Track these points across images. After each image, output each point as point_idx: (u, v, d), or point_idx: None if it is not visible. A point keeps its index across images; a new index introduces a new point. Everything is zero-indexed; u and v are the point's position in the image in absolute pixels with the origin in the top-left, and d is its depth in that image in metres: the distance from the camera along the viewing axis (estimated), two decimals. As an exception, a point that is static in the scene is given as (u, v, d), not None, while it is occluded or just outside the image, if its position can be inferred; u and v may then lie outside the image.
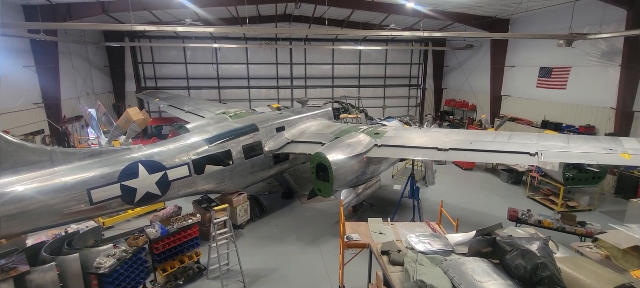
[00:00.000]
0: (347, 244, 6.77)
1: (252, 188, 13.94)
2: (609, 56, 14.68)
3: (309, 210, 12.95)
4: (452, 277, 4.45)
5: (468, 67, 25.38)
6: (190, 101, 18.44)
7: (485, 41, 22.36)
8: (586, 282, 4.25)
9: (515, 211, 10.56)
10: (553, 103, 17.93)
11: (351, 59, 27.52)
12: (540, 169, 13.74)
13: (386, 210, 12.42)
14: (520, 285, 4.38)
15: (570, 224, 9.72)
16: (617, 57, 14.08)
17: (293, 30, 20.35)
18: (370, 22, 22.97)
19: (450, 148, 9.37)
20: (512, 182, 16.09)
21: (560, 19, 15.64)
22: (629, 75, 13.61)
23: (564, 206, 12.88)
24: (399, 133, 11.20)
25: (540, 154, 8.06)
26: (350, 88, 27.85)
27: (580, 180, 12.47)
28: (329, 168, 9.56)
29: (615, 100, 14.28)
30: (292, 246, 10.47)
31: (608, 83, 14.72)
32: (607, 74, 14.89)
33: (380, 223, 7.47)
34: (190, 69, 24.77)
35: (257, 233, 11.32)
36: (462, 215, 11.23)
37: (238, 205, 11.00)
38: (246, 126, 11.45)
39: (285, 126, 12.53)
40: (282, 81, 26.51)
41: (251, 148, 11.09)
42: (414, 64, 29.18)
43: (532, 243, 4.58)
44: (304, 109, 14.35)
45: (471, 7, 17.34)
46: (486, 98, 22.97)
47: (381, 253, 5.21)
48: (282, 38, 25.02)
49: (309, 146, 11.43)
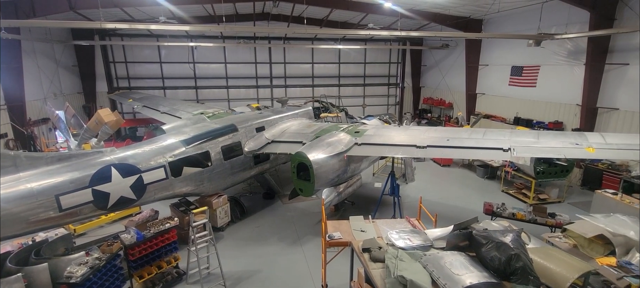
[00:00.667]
0: (329, 243, 6.78)
1: (233, 190, 13.73)
2: (575, 55, 15.46)
3: (290, 210, 12.89)
4: (431, 271, 4.56)
5: (444, 66, 26.05)
6: (166, 102, 17.92)
7: (460, 40, 23.01)
8: (556, 271, 4.46)
9: (491, 205, 10.95)
10: (524, 100, 18.69)
11: (331, 59, 27.62)
12: (513, 164, 14.30)
13: (368, 208, 12.56)
14: (496, 276, 4.54)
15: (541, 216, 10.18)
16: (582, 56, 14.83)
17: (271, 29, 20.19)
18: (349, 22, 23.13)
19: (428, 145, 9.56)
20: (487, 177, 16.65)
21: (530, 20, 16.31)
22: (592, 73, 14.37)
23: (536, 199, 13.45)
24: (379, 131, 11.32)
25: (512, 150, 8.37)
26: (330, 87, 27.94)
27: (549, 173, 13.02)
28: (310, 168, 9.54)
29: (581, 97, 15.04)
30: (274, 247, 10.38)
31: (574, 81, 15.50)
32: (573, 73, 15.67)
33: (362, 221, 7.54)
34: (166, 69, 24.05)
35: (238, 235, 11.15)
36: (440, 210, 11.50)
37: (218, 207, 10.79)
38: (225, 127, 11.24)
39: (265, 126, 12.41)
40: (262, 81, 26.24)
41: (230, 149, 10.91)
42: (393, 63, 29.64)
43: (506, 235, 4.75)
44: (284, 109, 14.26)
45: (446, 7, 17.79)
46: (462, 96, 23.65)
47: (362, 251, 5.25)
48: (261, 37, 24.75)
49: (290, 145, 11.37)
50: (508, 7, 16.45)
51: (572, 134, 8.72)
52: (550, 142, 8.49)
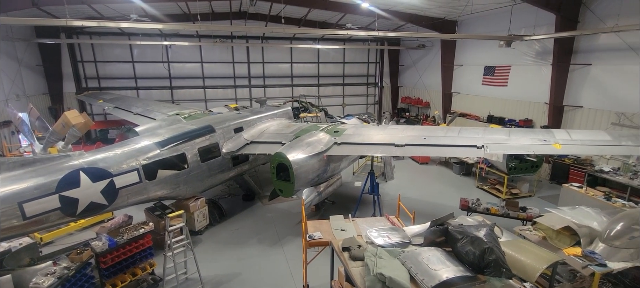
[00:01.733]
0: (309, 243, 6.78)
1: (211, 192, 13.44)
2: (542, 55, 16.20)
3: (271, 211, 12.77)
4: (410, 268, 4.63)
5: (421, 66, 26.62)
6: (140, 102, 17.29)
7: (436, 41, 23.59)
8: (526, 262, 4.65)
9: (466, 201, 11.29)
10: (497, 99, 19.41)
11: (310, 58, 27.59)
12: (487, 161, 14.81)
13: (348, 207, 12.64)
14: (471, 269, 4.67)
15: (513, 210, 10.60)
16: (549, 56, 15.56)
17: (249, 28, 19.89)
18: (328, 22, 23.20)
19: (406, 144, 9.72)
20: (463, 174, 17.17)
21: (501, 21, 16.93)
22: (558, 73, 15.11)
23: (508, 194, 13.99)
24: (358, 130, 11.41)
25: (486, 147, 8.66)
26: (310, 87, 27.90)
27: (521, 169, 13.64)
28: (290, 168, 9.49)
29: (549, 96, 15.78)
30: (255, 249, 10.25)
31: (542, 80, 16.23)
32: (541, 72, 16.41)
33: (342, 220, 7.58)
34: (139, 68, 23.17)
35: (217, 238, 10.92)
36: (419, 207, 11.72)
37: (195, 210, 10.53)
38: (202, 128, 10.98)
39: (244, 126, 12.22)
40: (240, 80, 25.82)
41: (208, 151, 10.66)
42: (371, 63, 29.97)
43: (480, 230, 4.91)
44: (263, 109, 14.10)
45: (422, 8, 18.18)
46: (438, 95, 24.26)
47: (342, 250, 5.27)
48: (238, 36, 24.35)
49: (269, 146, 11.27)
50: (480, 8, 17.02)
51: (540, 131, 9.13)
52: (520, 139, 8.85)
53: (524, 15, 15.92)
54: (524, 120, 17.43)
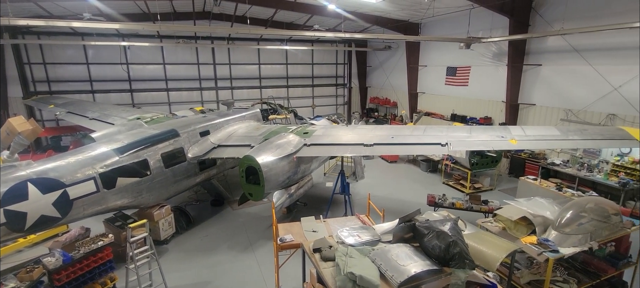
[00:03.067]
0: (280, 246, 6.68)
1: (177, 199, 12.93)
2: (499, 56, 17.22)
3: (241, 215, 12.48)
4: (379, 265, 4.69)
5: (388, 67, 27.32)
6: (96, 107, 16.25)
7: (401, 42, 24.33)
8: (487, 252, 4.88)
9: (433, 196, 11.71)
10: (459, 98, 20.35)
11: (278, 59, 27.38)
12: (451, 158, 15.47)
13: (320, 208, 12.64)
14: (437, 262, 4.82)
15: (476, 203, 11.14)
16: (505, 57, 16.57)
17: (213, 29, 19.34)
18: (295, 23, 23.14)
19: (375, 143, 9.90)
20: (430, 171, 17.80)
21: (461, 24, 17.78)
22: (513, 73, 16.13)
23: (472, 189, 14.69)
24: (328, 131, 11.46)
25: (449, 144, 9.03)
26: (279, 88, 27.69)
27: (482, 164, 14.40)
28: (259, 171, 9.34)
29: (505, 94, 16.78)
30: (225, 256, 9.96)
31: (499, 80, 17.25)
32: (498, 73, 17.43)
33: (313, 222, 7.55)
34: (94, 71, 21.73)
35: (184, 246, 10.49)
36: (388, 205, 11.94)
37: (160, 218, 10.05)
38: (165, 132, 10.50)
39: (210, 129, 11.85)
40: (206, 82, 25.06)
41: (172, 156, 10.22)
42: (340, 64, 30.32)
43: (445, 224, 5.07)
44: (231, 111, 13.77)
45: (387, 11, 18.66)
46: (405, 95, 25.01)
47: (313, 251, 5.23)
48: (203, 37, 23.63)
49: (237, 149, 11.02)
50: (441, 12, 17.76)
51: (498, 128, 9.67)
52: (480, 136, 9.32)
53: (481, 18, 16.84)
54: (484, 118, 18.42)
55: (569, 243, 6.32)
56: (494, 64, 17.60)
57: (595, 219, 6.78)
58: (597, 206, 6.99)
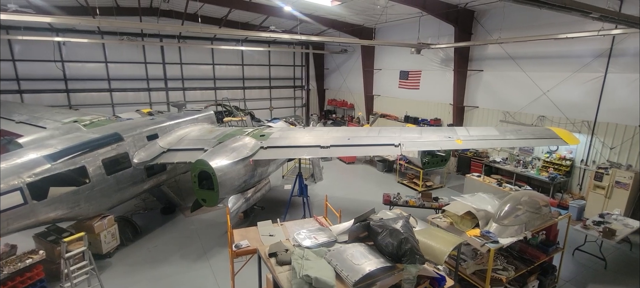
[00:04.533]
0: (236, 252, 6.48)
1: (123, 208, 11.99)
2: (446, 62, 18.35)
3: (194, 223, 11.89)
4: (335, 265, 4.72)
5: (345, 69, 27.86)
6: (24, 109, 14.58)
7: (357, 46, 24.93)
8: (436, 247, 5.13)
9: (388, 195, 12.12)
10: (412, 101, 21.33)
11: (234, 60, 26.66)
12: (405, 157, 16.15)
13: (278, 211, 12.47)
14: (391, 259, 4.97)
15: (428, 201, 11.73)
16: (451, 63, 17.70)
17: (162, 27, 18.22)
18: (251, 23, 22.70)
19: (331, 145, 9.98)
20: (386, 170, 18.41)
21: (411, 30, 18.68)
22: (459, 77, 17.29)
23: (424, 187, 15.45)
24: (285, 133, 11.34)
25: (402, 145, 9.39)
26: (234, 90, 26.95)
27: (433, 163, 15.21)
28: (213, 176, 8.96)
29: (452, 97, 17.92)
30: (177, 266, 9.40)
31: (447, 84, 18.36)
32: (445, 77, 18.56)
33: (270, 226, 7.42)
34: (22, 68, 19.40)
35: (130, 259, 9.73)
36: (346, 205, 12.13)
37: (102, 230, 9.22)
38: (106, 136, 9.67)
39: (159, 133, 11.16)
40: (155, 83, 23.58)
41: (115, 162, 9.43)
42: (297, 66, 30.32)
43: (397, 222, 5.25)
44: (182, 114, 13.08)
45: (342, 15, 19.04)
46: (361, 97, 25.65)
47: (269, 256, 5.12)
48: (151, 34, 22.24)
49: (189, 153, 10.48)
50: (394, 18, 18.53)
51: (446, 129, 10.27)
52: (430, 136, 9.82)
53: (430, 26, 17.80)
54: (434, 119, 19.50)
55: (507, 233, 6.88)
56: (442, 69, 18.72)
57: (528, 211, 7.46)
58: (531, 199, 7.71)
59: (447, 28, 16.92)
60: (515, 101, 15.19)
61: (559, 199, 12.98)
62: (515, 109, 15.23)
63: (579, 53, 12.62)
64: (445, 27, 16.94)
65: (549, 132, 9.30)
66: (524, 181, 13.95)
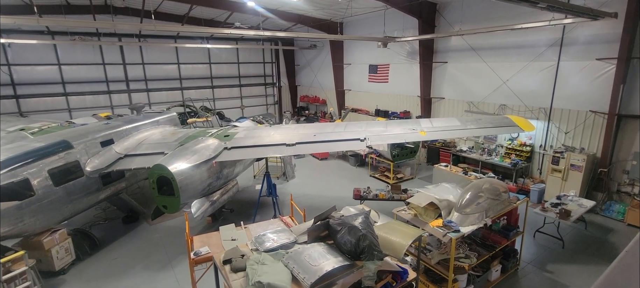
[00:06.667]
0: (194, 260, 6.17)
1: (80, 219, 11.26)
2: (412, 55, 18.58)
3: (158, 230, 11.35)
4: (292, 268, 4.57)
5: (315, 65, 27.67)
6: (-37, 118, 13.29)
7: (326, 41, 24.77)
8: (396, 241, 5.09)
9: (358, 190, 12.11)
10: (382, 94, 21.49)
11: (200, 58, 25.75)
12: (376, 151, 16.23)
13: (248, 212, 12.18)
14: (350, 257, 4.88)
15: (397, 193, 11.81)
16: (417, 55, 17.94)
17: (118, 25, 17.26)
18: (216, 20, 21.99)
19: (297, 142, 9.80)
20: (358, 165, 18.45)
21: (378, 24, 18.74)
22: (424, 70, 17.56)
23: (395, 179, 15.60)
24: (250, 133, 11.03)
25: (367, 139, 9.37)
26: (202, 89, 26.06)
27: (402, 155, 15.39)
28: (173, 181, 8.54)
29: (420, 90, 18.20)
30: (139, 278, 8.92)
31: (414, 76, 18.61)
32: (412, 69, 18.79)
33: (233, 229, 7.16)
34: (-37, 74, 17.86)
35: (88, 274, 9.13)
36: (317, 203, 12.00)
37: (52, 245, 8.59)
38: (53, 144, 8.97)
39: (115, 138, 10.52)
40: (115, 85, 22.35)
41: (64, 171, 8.78)
42: (267, 63, 29.76)
43: (356, 218, 5.16)
44: (140, 117, 12.41)
45: (307, 10, 18.80)
46: (333, 93, 25.57)
47: (223, 263, 4.89)
48: (107, 33, 21.01)
49: (149, 158, 9.94)
50: (359, 12, 18.52)
51: (410, 122, 10.39)
52: (395, 129, 9.87)
53: (395, 20, 17.93)
54: (403, 112, 19.73)
55: (468, 222, 7.01)
56: (409, 62, 18.95)
57: (489, 198, 7.64)
58: (491, 186, 7.89)
59: (411, 21, 17.10)
60: (478, 91, 15.63)
61: (521, 184, 13.51)
62: (478, 99, 15.67)
63: (534, 43, 13.13)
64: (410, 20, 17.12)
65: (507, 120, 9.59)
66: (488, 168, 14.41)
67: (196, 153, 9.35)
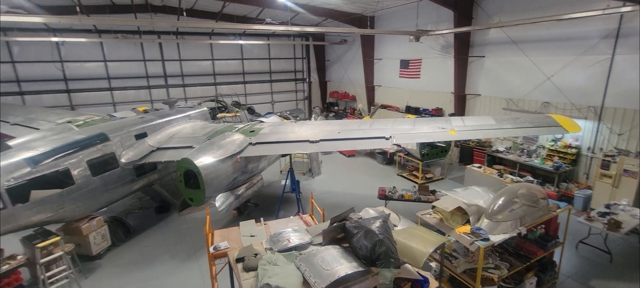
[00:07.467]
0: (213, 255, 6.27)
1: (117, 207, 11.97)
2: (446, 49, 17.68)
3: (187, 221, 11.79)
4: (304, 271, 4.44)
5: (346, 60, 27.30)
6: (21, 111, 14.64)
7: (357, 36, 24.32)
8: (415, 247, 4.78)
9: (384, 189, 11.74)
10: (413, 91, 20.74)
11: (233, 55, 26.39)
12: (404, 149, 15.70)
13: (272, 208, 12.29)
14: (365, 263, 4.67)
15: (424, 194, 11.30)
16: (451, 50, 17.04)
17: (157, 23, 18.08)
18: (248, 16, 22.34)
19: (321, 139, 9.66)
20: (386, 163, 18.00)
21: (410, 17, 18.04)
22: (459, 65, 16.64)
23: (424, 179, 15.01)
24: (276, 128, 11.05)
25: (393, 137, 9.01)
26: (235, 85, 26.73)
27: (432, 154, 14.76)
28: (199, 174, 8.76)
29: (453, 86, 17.30)
30: (165, 266, 9.31)
31: (447, 72, 17.71)
32: (446, 65, 17.89)
33: (253, 226, 7.18)
34: (22, 70, 19.55)
35: (121, 260, 9.68)
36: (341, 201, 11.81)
37: (90, 231, 9.18)
38: (91, 137, 9.56)
39: (148, 131, 11.02)
40: (155, 80, 23.54)
41: (102, 162, 9.33)
42: (298, 59, 29.86)
43: (374, 222, 4.93)
44: (173, 111, 12.91)
45: (338, 4, 18.48)
46: (363, 88, 25.11)
47: (236, 261, 4.89)
48: (147, 31, 22.10)
49: (178, 152, 10.27)
50: (391, 5, 17.91)
51: (440, 120, 9.83)
52: (423, 128, 9.39)
53: (428, 12, 17.14)
54: (435, 109, 18.90)
55: (499, 230, 6.49)
56: (443, 56, 18.06)
57: (525, 204, 7.04)
58: (528, 192, 7.27)
59: (446, 13, 16.24)
60: (518, 87, 14.53)
61: (563, 189, 12.41)
62: (518, 96, 14.57)
63: (584, 35, 11.89)
64: (445, 13, 16.26)
65: (549, 119, 8.77)
66: (527, 171, 13.37)
67: (222, 148, 9.52)
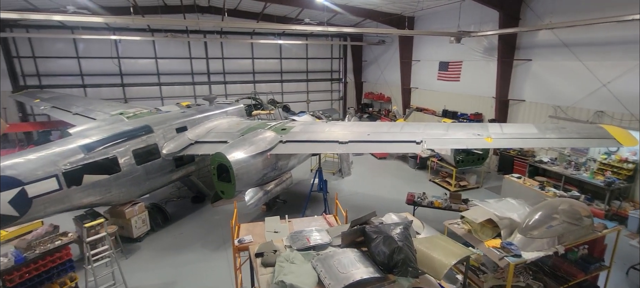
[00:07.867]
0: (237, 247, 6.54)
1: (157, 195, 12.84)
2: (489, 51, 16.77)
3: (219, 213, 12.35)
4: (320, 272, 4.50)
5: (382, 61, 26.91)
6: (81, 102, 16.19)
7: (395, 37, 23.85)
8: (436, 258, 4.64)
9: (412, 195, 11.44)
10: (451, 94, 19.93)
11: (272, 54, 27.11)
12: (438, 155, 15.17)
13: (301, 205, 12.49)
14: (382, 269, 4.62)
15: (456, 202, 10.85)
16: (495, 52, 16.12)
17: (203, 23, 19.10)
18: (288, 16, 22.81)
19: (350, 141, 9.67)
20: (418, 168, 17.50)
21: (452, 18, 17.34)
22: (503, 68, 15.70)
23: (457, 186, 14.40)
24: (307, 127, 11.22)
25: (424, 142, 8.76)
26: (272, 83, 27.44)
27: (468, 161, 14.11)
28: (230, 168, 9.17)
29: (495, 90, 16.37)
30: (196, 254, 9.85)
31: (489, 75, 16.79)
32: (488, 68, 16.97)
33: (277, 222, 7.37)
34: (85, 65, 21.68)
35: (158, 244, 10.40)
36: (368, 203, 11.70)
37: (132, 216, 9.97)
38: (137, 128, 10.37)
39: (188, 125, 11.70)
40: (199, 77, 24.90)
41: (145, 152, 10.09)
42: (335, 59, 29.95)
43: (395, 228, 4.85)
44: (212, 107, 13.58)
45: (377, 4, 18.26)
46: (398, 90, 24.59)
47: (256, 255, 5.06)
48: (194, 30, 23.41)
49: (214, 146, 10.83)
50: (432, 5, 17.34)
51: (476, 126, 9.37)
52: (456, 133, 9.03)
53: (471, 12, 16.38)
54: (474, 114, 18.02)
55: (533, 247, 6.07)
56: (485, 59, 17.16)
57: (566, 221, 6.51)
58: (570, 208, 6.72)
59: (491, 14, 15.42)
60: (568, 94, 13.40)
61: (615, 207, 11.26)
62: (567, 104, 13.44)
63: (650, 38, 10.69)
64: (489, 13, 15.45)
65: (600, 130, 8.02)
66: (574, 185, 12.31)
67: (253, 144, 9.87)
